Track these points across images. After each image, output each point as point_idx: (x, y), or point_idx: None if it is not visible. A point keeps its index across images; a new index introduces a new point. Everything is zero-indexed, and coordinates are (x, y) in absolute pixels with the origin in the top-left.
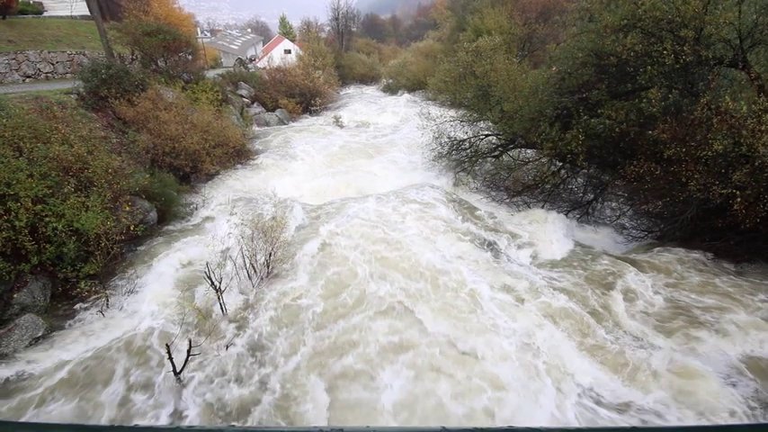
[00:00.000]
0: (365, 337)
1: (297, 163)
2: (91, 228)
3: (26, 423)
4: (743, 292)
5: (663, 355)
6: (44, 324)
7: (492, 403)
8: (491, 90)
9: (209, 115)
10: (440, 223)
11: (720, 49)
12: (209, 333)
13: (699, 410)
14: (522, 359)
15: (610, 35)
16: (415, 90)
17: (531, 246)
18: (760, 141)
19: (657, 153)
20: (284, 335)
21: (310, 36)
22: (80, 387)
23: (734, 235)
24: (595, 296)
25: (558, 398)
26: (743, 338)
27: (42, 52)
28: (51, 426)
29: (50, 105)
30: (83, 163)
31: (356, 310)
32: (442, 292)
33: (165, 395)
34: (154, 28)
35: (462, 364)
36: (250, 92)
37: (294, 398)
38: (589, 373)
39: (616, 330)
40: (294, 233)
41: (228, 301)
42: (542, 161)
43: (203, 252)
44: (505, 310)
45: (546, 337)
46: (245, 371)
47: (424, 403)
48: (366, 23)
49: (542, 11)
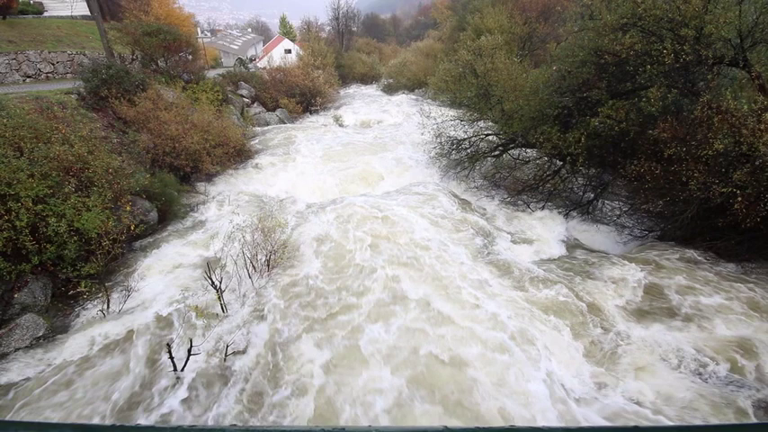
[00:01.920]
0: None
1: (297, 162)
2: (91, 228)
3: (26, 423)
4: (738, 288)
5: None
6: (45, 324)
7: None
8: (492, 89)
9: (209, 115)
10: (439, 219)
11: (721, 48)
12: (209, 333)
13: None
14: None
15: (609, 33)
16: (415, 90)
17: (527, 243)
18: (760, 140)
19: (658, 152)
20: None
21: (310, 36)
22: (80, 387)
23: (734, 234)
24: (582, 288)
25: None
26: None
27: (43, 52)
28: (52, 425)
29: (51, 105)
30: (83, 163)
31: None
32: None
33: (166, 394)
34: (154, 28)
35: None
36: (250, 92)
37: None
38: (567, 360)
39: (603, 323)
40: (294, 231)
41: (229, 301)
42: (542, 161)
43: (204, 252)
44: (484, 289)
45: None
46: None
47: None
48: (366, 23)
49: (543, 10)
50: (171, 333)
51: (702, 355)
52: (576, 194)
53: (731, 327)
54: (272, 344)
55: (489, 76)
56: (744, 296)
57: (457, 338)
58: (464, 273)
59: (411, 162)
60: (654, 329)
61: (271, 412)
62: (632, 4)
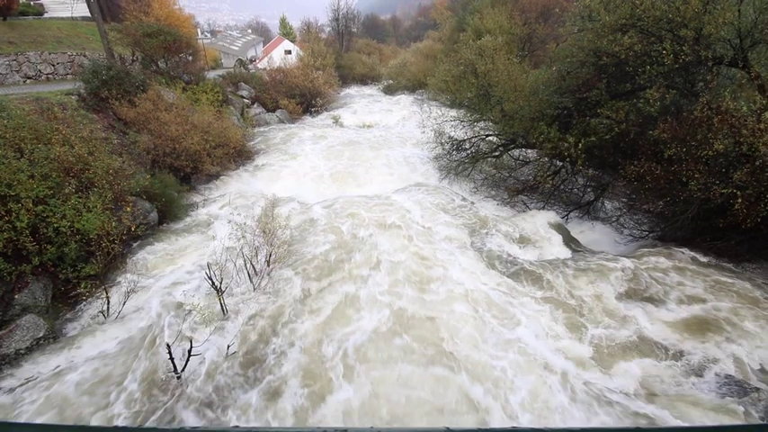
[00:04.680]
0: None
1: (297, 163)
2: (92, 228)
3: (27, 424)
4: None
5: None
6: (45, 324)
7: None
8: (492, 90)
9: (209, 116)
10: (438, 217)
11: (720, 48)
12: (209, 333)
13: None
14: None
15: (608, 34)
16: (415, 90)
17: (525, 242)
18: (760, 140)
19: (658, 153)
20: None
21: (310, 37)
22: (80, 387)
23: (735, 235)
24: (572, 287)
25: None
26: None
27: (43, 53)
28: (53, 427)
29: (51, 106)
30: (84, 164)
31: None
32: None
33: (167, 395)
34: (154, 29)
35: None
36: (250, 92)
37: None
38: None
39: (591, 314)
40: (293, 231)
41: (229, 301)
42: (543, 161)
43: (204, 252)
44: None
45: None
46: None
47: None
48: (366, 24)
49: (542, 11)
50: (171, 334)
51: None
52: (576, 195)
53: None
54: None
55: (489, 77)
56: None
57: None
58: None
59: (411, 163)
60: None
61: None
62: (631, 5)
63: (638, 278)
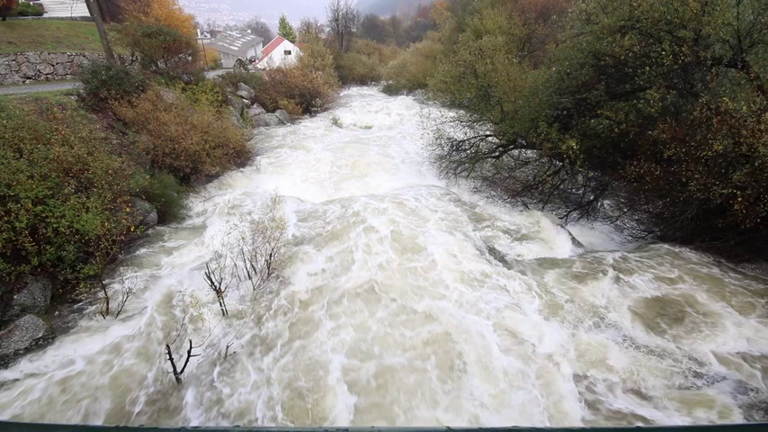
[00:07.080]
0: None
1: (296, 163)
2: (91, 229)
3: (27, 424)
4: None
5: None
6: (44, 325)
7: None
8: (491, 90)
9: (209, 116)
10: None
11: (719, 49)
12: (209, 334)
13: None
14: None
15: (607, 36)
16: (414, 90)
17: (523, 242)
18: (760, 141)
19: (657, 153)
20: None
21: (310, 37)
22: (80, 388)
23: (734, 235)
24: (565, 286)
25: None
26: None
27: (42, 54)
28: (53, 426)
29: (51, 107)
30: (83, 164)
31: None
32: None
33: (167, 395)
34: (154, 29)
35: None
36: (250, 93)
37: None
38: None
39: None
40: (293, 230)
41: (229, 302)
42: (542, 162)
43: (203, 253)
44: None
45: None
46: None
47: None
48: (366, 24)
49: (542, 11)
50: (171, 334)
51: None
52: (575, 195)
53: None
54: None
55: (489, 77)
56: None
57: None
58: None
59: (411, 163)
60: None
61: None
62: (629, 7)
63: (632, 277)
